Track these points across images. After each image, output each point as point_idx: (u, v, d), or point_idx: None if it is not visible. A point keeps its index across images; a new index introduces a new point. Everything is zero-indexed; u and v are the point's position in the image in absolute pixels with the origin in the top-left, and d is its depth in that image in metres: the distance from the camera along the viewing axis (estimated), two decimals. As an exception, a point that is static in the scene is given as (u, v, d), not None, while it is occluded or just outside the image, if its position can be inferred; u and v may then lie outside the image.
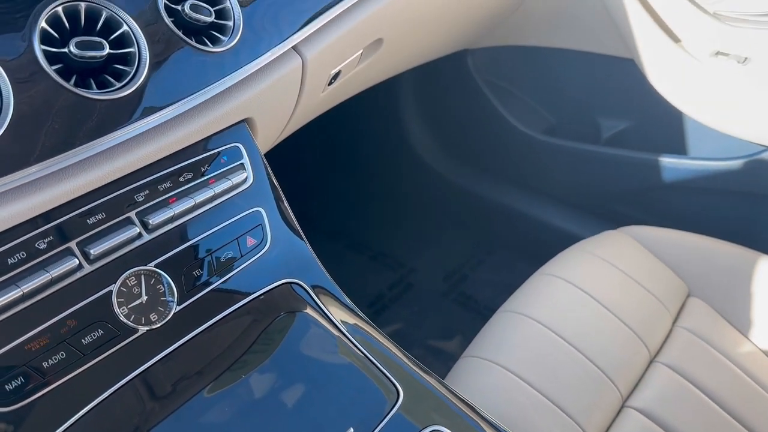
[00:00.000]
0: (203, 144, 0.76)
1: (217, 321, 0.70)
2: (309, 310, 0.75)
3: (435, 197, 1.91)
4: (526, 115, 1.65)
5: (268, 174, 0.81)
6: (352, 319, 0.76)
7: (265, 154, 0.85)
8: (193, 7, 0.73)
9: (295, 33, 0.84)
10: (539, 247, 1.43)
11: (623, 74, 1.45)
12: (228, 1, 0.77)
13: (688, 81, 1.31)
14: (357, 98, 1.29)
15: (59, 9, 0.64)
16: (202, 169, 0.74)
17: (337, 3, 0.91)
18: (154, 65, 0.68)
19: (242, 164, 0.78)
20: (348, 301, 0.79)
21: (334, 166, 1.98)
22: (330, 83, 1.01)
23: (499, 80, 1.66)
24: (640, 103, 1.46)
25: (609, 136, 1.56)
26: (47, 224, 0.62)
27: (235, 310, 0.71)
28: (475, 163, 1.81)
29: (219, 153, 0.76)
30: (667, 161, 1.45)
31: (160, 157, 0.71)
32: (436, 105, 1.81)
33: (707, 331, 1.11)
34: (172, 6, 0.73)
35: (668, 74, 1.34)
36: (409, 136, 1.82)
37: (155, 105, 0.68)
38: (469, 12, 1.34)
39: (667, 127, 1.46)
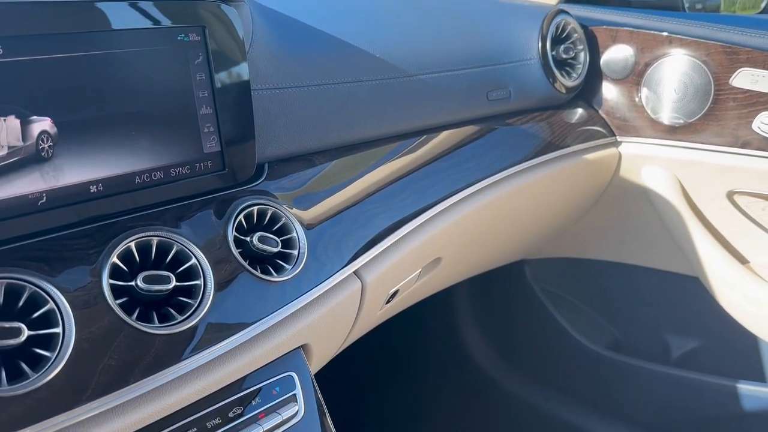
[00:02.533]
0: (256, 374, 0.74)
1: None
2: None
3: (493, 409, 1.80)
4: (589, 328, 1.59)
5: (319, 406, 0.77)
6: None
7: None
8: (260, 239, 0.75)
9: (356, 259, 0.85)
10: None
11: (692, 291, 1.40)
12: (295, 231, 0.79)
13: (762, 307, 1.25)
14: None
15: (132, 244, 0.67)
16: (253, 403, 0.71)
17: (398, 228, 0.93)
18: (217, 296, 0.69)
19: (294, 395, 0.75)
20: None
21: (387, 373, 1.92)
22: (387, 301, 1.01)
23: (559, 290, 1.63)
24: (713, 322, 1.39)
25: (679, 356, 1.47)
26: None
27: None
28: (537, 376, 1.72)
29: (271, 384, 0.74)
30: (748, 389, 1.34)
31: (212, 392, 0.69)
32: (493, 313, 1.78)
33: None
34: (241, 237, 0.75)
35: (738, 298, 1.28)
36: (466, 343, 1.77)
37: (213, 338, 0.67)
38: (525, 228, 1.36)
39: (743, 349, 1.37)
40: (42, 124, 0.63)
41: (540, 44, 1.23)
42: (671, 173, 1.33)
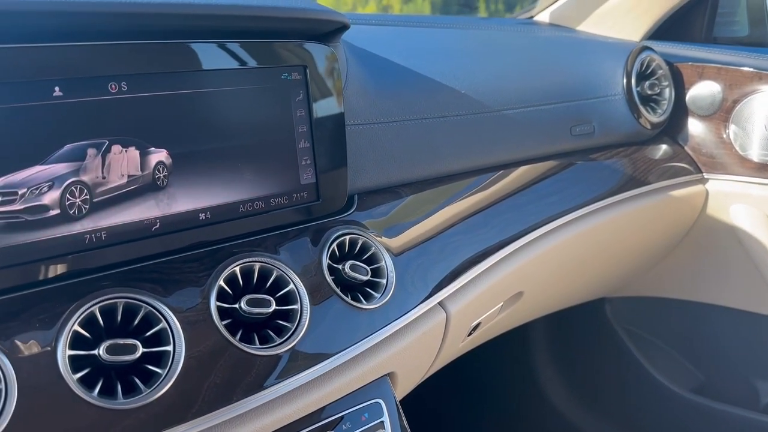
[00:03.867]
0: (345, 400, 0.76)
1: None
2: None
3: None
4: (672, 370, 1.54)
5: (405, 434, 0.78)
6: None
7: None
8: (352, 267, 0.78)
9: (441, 289, 0.86)
10: None
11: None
12: (384, 261, 0.82)
13: None
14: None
15: (237, 269, 0.70)
16: (344, 427, 0.73)
17: (482, 260, 0.94)
18: (312, 321, 0.72)
19: (382, 422, 0.77)
20: None
21: (460, 406, 1.90)
22: (469, 334, 1.01)
23: (640, 330, 1.59)
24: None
25: (769, 402, 1.40)
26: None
27: None
28: (616, 419, 1.67)
29: (360, 410, 0.76)
30: None
31: (303, 415, 0.71)
32: (571, 351, 1.74)
33: None
34: (334, 265, 0.78)
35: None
36: (541, 382, 1.74)
37: (309, 361, 0.70)
38: (607, 265, 1.34)
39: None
40: (158, 155, 0.68)
41: (625, 80, 1.23)
42: (761, 211, 1.29)
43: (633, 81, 1.24)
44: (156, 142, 0.68)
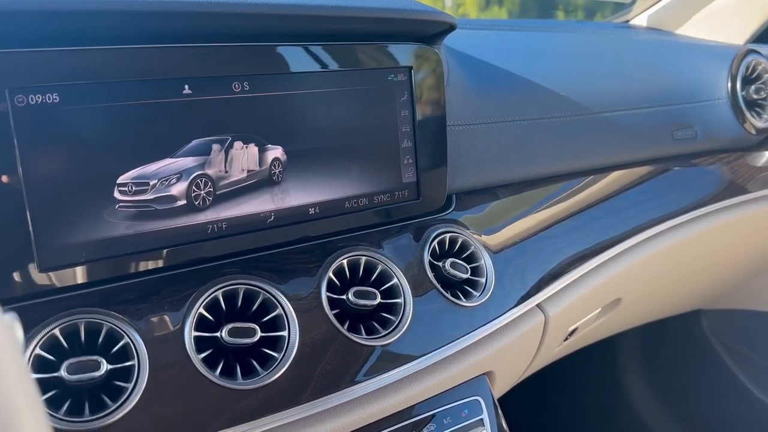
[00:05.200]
0: (446, 395, 0.77)
1: None
2: None
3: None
4: (774, 388, 1.47)
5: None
6: None
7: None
8: (452, 265, 0.79)
9: (540, 291, 0.86)
10: None
11: None
12: (483, 260, 0.82)
13: None
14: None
15: (344, 262, 0.73)
16: (445, 422, 0.74)
17: (580, 264, 0.93)
18: (415, 315, 0.73)
19: (481, 420, 0.77)
20: None
21: (544, 410, 1.87)
22: (566, 339, 1.00)
23: (738, 344, 1.52)
24: None
25: None
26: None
27: None
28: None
29: (461, 406, 0.76)
30: None
31: (406, 406, 0.72)
32: (663, 364, 1.68)
33: None
34: (435, 262, 0.79)
35: None
36: (630, 395, 1.69)
37: (412, 354, 0.71)
38: (706, 275, 1.29)
39: None
40: (275, 152, 0.72)
41: (729, 84, 1.19)
42: None
43: (738, 85, 1.20)
44: (273, 139, 0.71)
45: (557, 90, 1.02)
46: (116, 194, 0.62)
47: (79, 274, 0.60)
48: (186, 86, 0.65)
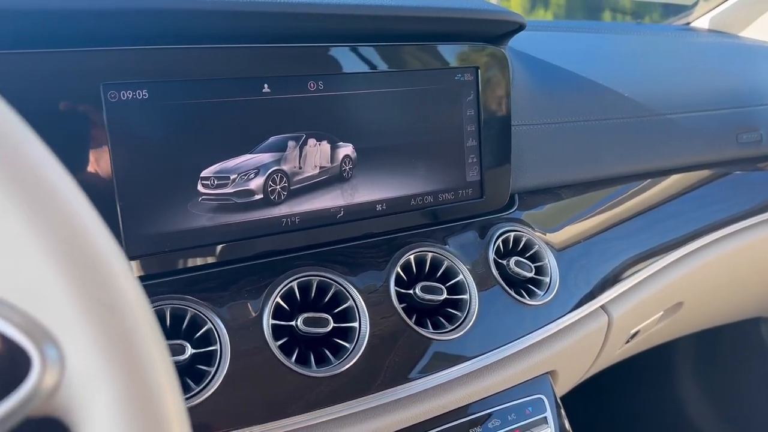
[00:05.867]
0: (509, 392, 0.77)
1: None
2: None
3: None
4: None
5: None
6: None
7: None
8: (516, 263, 0.79)
9: (604, 292, 0.86)
10: None
11: None
12: (547, 259, 0.83)
13: None
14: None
15: (411, 258, 0.74)
16: (509, 418, 0.75)
17: (644, 266, 0.93)
18: (480, 312, 0.74)
19: (545, 418, 0.77)
20: None
21: (598, 414, 1.84)
22: (627, 341, 0.99)
23: (802, 355, 1.47)
24: None
25: None
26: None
27: None
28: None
29: (524, 403, 0.77)
30: None
31: (470, 401, 0.73)
32: (719, 372, 1.64)
33: None
34: (499, 260, 0.80)
35: None
36: (684, 401, 1.65)
37: (477, 350, 0.72)
38: (771, 281, 1.26)
39: None
40: (346, 150, 0.74)
41: (798, 86, 1.17)
42: None
43: (807, 87, 1.17)
44: (344, 136, 0.73)
45: (621, 91, 1.01)
46: (199, 187, 0.65)
47: (164, 263, 0.63)
48: (265, 85, 0.68)
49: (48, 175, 0.27)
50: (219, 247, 0.66)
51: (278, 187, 0.69)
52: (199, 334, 0.60)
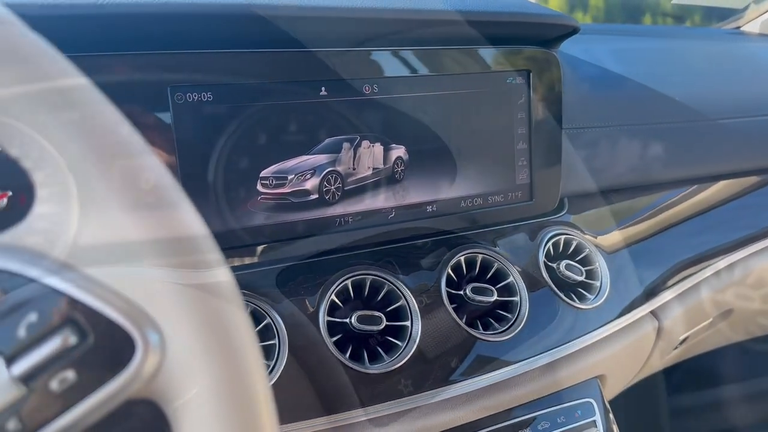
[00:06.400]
0: (558, 395, 0.77)
1: None
2: None
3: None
4: None
5: (614, 436, 0.78)
6: None
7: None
8: (567, 267, 0.80)
9: (654, 297, 0.85)
10: None
11: None
12: (597, 264, 0.82)
13: None
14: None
15: (462, 259, 0.75)
16: (559, 420, 0.75)
17: (695, 273, 0.92)
18: (530, 314, 0.74)
19: (594, 422, 0.77)
20: None
21: (636, 420, 1.81)
22: (675, 347, 0.98)
23: None
24: None
25: None
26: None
27: None
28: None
29: (574, 407, 0.77)
30: None
31: (520, 403, 0.73)
32: (764, 384, 1.60)
33: None
34: (549, 264, 0.80)
35: None
36: (726, 411, 1.62)
37: (528, 352, 0.72)
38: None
39: None
40: (398, 151, 0.75)
41: None
42: None
43: None
44: (397, 139, 0.74)
45: (672, 96, 1.00)
46: (259, 187, 0.67)
47: (225, 260, 0.64)
48: (323, 88, 0.69)
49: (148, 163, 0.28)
50: (276, 245, 0.67)
51: (333, 187, 0.71)
52: (258, 327, 0.62)
